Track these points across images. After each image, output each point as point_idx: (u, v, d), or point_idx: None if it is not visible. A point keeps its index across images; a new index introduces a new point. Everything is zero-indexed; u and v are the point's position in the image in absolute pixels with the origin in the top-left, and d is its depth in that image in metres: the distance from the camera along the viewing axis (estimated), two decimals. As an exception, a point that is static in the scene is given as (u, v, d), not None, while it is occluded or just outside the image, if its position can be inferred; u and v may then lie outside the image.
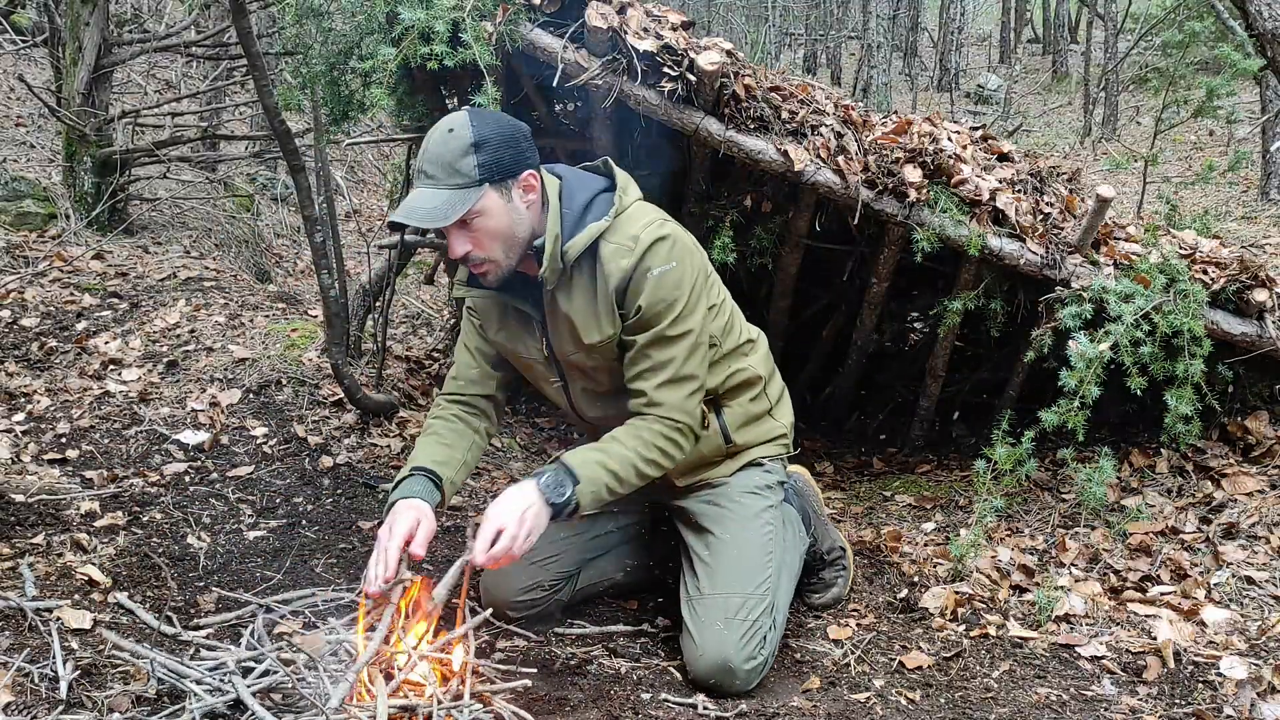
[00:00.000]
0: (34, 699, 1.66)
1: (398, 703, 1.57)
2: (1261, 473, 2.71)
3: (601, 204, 1.95)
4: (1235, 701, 1.91)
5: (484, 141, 1.82)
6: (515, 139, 1.87)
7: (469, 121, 1.84)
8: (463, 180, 1.82)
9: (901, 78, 16.15)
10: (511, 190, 1.87)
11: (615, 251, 1.90)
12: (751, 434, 2.20)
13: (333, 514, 2.72)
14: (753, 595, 2.03)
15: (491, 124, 1.86)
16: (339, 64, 2.89)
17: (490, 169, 1.82)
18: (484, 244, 1.87)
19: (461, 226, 1.84)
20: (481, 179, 1.82)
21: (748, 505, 2.15)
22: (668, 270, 1.90)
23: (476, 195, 1.82)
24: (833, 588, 2.42)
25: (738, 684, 1.96)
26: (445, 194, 1.81)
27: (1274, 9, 3.39)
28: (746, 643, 1.97)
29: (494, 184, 1.83)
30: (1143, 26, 11.21)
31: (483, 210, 1.83)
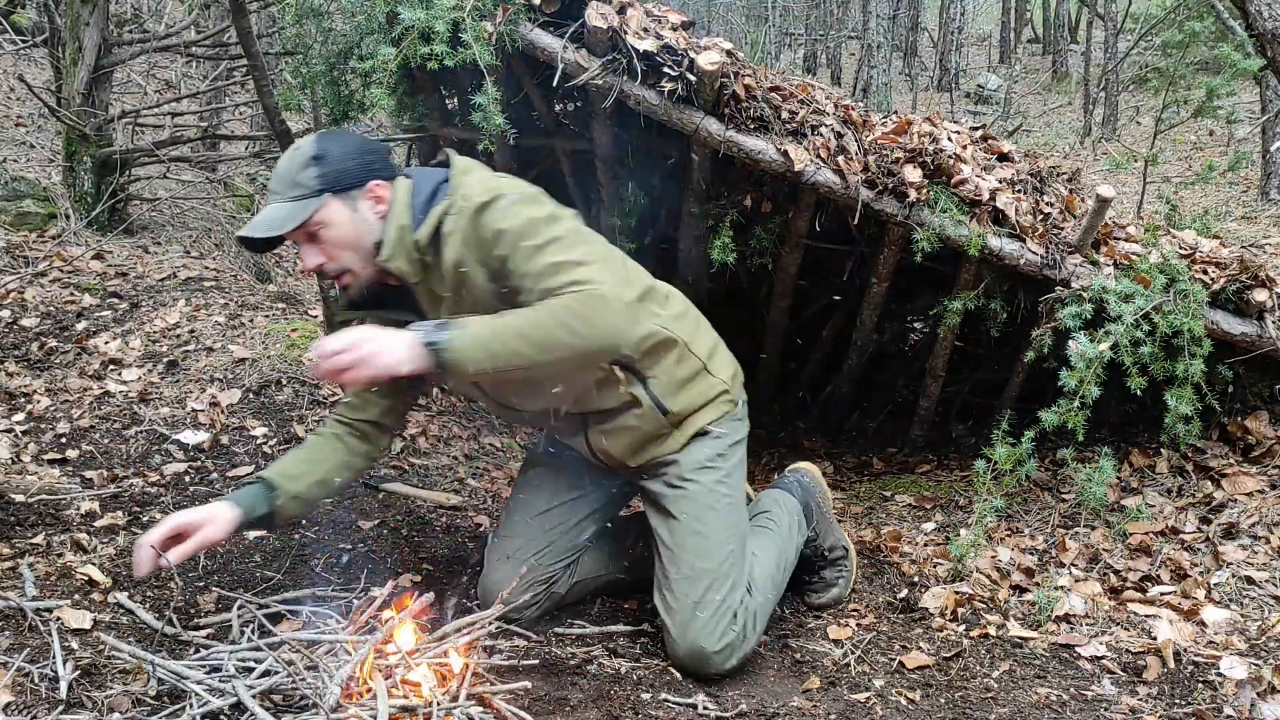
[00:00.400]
0: (34, 699, 1.66)
1: (397, 703, 1.56)
2: (1261, 473, 2.71)
3: (443, 190, 1.94)
4: (1235, 701, 1.91)
5: (324, 154, 1.87)
6: (362, 153, 1.91)
7: (314, 140, 1.91)
8: (302, 191, 1.85)
9: (901, 78, 16.16)
10: (358, 201, 1.89)
11: (453, 220, 1.87)
12: (689, 397, 2.12)
13: (333, 514, 2.72)
14: (717, 573, 2.03)
15: (336, 139, 1.92)
16: (339, 64, 2.89)
17: (330, 179, 1.86)
18: (334, 255, 1.90)
19: (311, 239, 1.88)
20: (321, 189, 1.85)
21: (702, 481, 2.12)
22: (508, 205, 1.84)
23: (316, 204, 1.85)
24: (833, 588, 2.42)
25: (714, 666, 1.98)
26: (286, 206, 1.86)
27: (1274, 9, 3.40)
28: (716, 623, 1.99)
29: (336, 194, 1.86)
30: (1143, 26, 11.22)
31: (326, 220, 1.86)
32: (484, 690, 1.66)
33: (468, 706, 1.61)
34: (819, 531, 2.40)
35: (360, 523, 2.68)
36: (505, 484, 3.12)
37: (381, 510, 2.77)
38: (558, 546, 2.27)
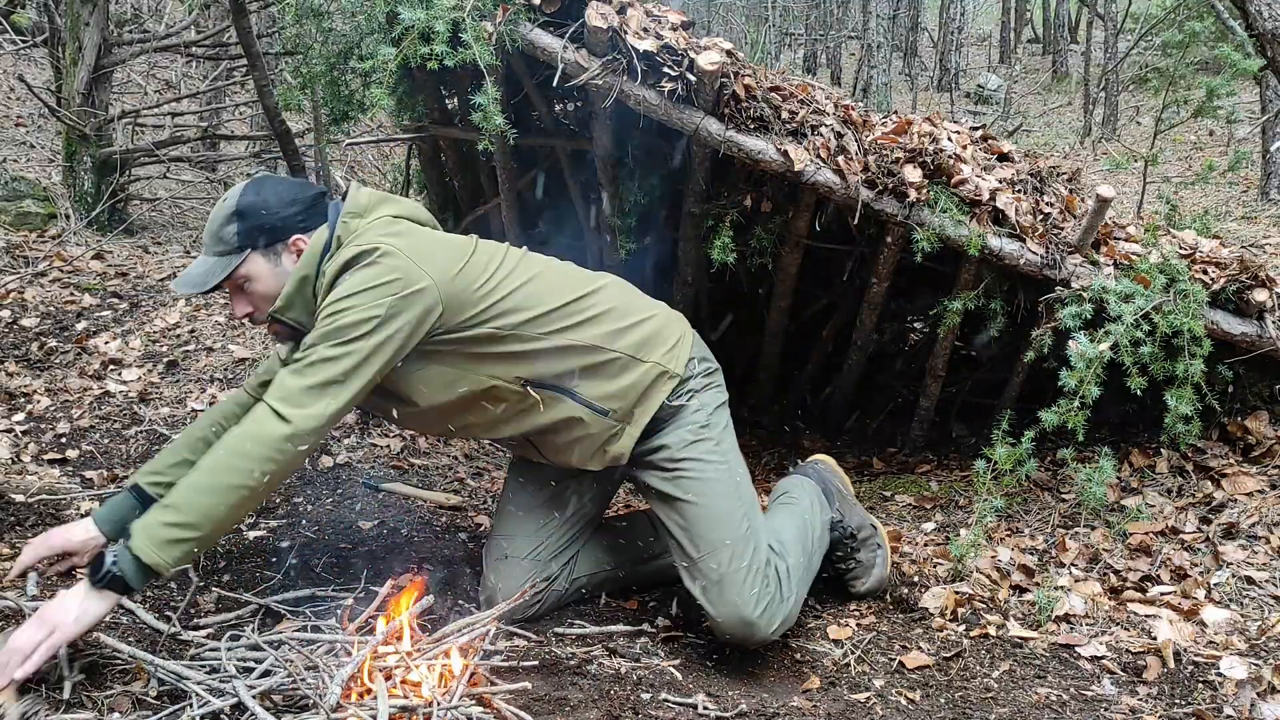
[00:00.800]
0: (34, 699, 1.66)
1: (397, 703, 1.57)
2: (1261, 473, 2.71)
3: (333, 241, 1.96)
4: (1235, 701, 1.91)
5: (246, 210, 1.90)
6: (285, 204, 1.93)
7: (239, 191, 1.94)
8: (224, 247, 1.91)
9: (901, 78, 16.16)
10: (281, 255, 1.94)
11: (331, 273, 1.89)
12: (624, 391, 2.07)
13: (333, 514, 2.72)
14: (735, 542, 2.04)
15: (260, 190, 1.93)
16: (339, 64, 2.89)
17: (250, 235, 1.90)
18: (259, 306, 1.96)
19: (239, 291, 1.95)
20: (242, 245, 1.90)
21: (695, 457, 2.09)
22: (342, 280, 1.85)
23: (236, 260, 1.90)
24: (874, 569, 2.41)
25: (759, 632, 2.01)
26: (210, 261, 1.92)
27: (1274, 9, 3.40)
28: (748, 588, 2.00)
29: (259, 249, 1.91)
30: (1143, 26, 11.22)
31: (250, 275, 1.92)
32: (484, 691, 1.66)
33: (468, 707, 1.61)
34: (843, 513, 2.38)
35: (360, 523, 2.68)
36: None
37: (381, 510, 2.77)
38: (553, 543, 2.27)
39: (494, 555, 2.27)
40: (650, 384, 2.10)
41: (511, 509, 2.32)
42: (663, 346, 2.13)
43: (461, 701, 1.61)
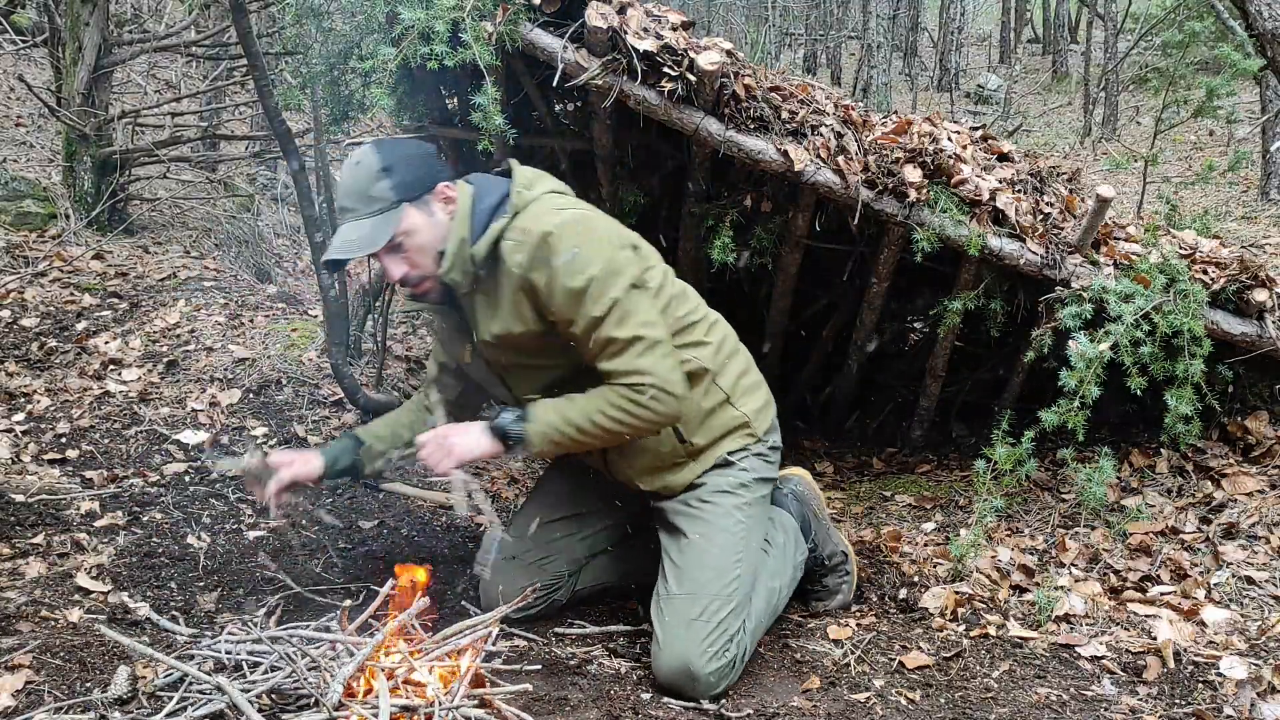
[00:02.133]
0: (34, 699, 1.67)
1: (399, 702, 1.56)
2: (1261, 473, 2.71)
3: (505, 205, 1.97)
4: (1235, 701, 1.91)
5: (392, 164, 1.89)
6: (424, 157, 1.96)
7: (374, 150, 1.92)
8: (381, 204, 1.88)
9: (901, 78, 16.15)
10: (431, 204, 1.93)
11: (512, 248, 1.91)
12: (710, 428, 2.11)
13: (333, 514, 2.72)
14: (719, 596, 1.99)
15: (397, 146, 1.94)
16: (339, 64, 2.89)
17: (404, 188, 1.89)
18: (417, 262, 1.93)
19: (393, 250, 1.91)
20: (399, 199, 1.88)
21: (719, 504, 2.09)
22: (571, 259, 1.87)
23: (398, 216, 1.88)
24: (837, 594, 2.41)
25: (699, 687, 1.91)
26: (369, 222, 1.88)
27: (1274, 9, 3.40)
28: (709, 645, 1.92)
29: (412, 202, 1.90)
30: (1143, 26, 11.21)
31: (408, 229, 1.89)
32: (486, 692, 1.66)
33: (469, 707, 1.61)
34: (817, 542, 2.38)
35: (360, 523, 2.68)
36: (505, 484, 3.12)
37: (381, 510, 2.77)
38: (564, 556, 2.26)
39: (502, 553, 2.25)
40: (731, 430, 2.14)
41: (532, 511, 2.31)
42: (754, 402, 2.19)
43: (463, 702, 1.61)
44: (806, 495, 2.43)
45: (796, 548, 2.30)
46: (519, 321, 1.96)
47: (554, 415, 1.95)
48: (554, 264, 1.87)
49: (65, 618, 2.02)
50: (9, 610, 2.00)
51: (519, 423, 1.95)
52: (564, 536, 2.27)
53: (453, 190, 1.95)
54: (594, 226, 1.94)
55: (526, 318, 1.95)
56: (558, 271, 1.87)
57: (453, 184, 1.96)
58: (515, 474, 3.22)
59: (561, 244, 1.87)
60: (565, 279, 1.87)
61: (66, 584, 2.18)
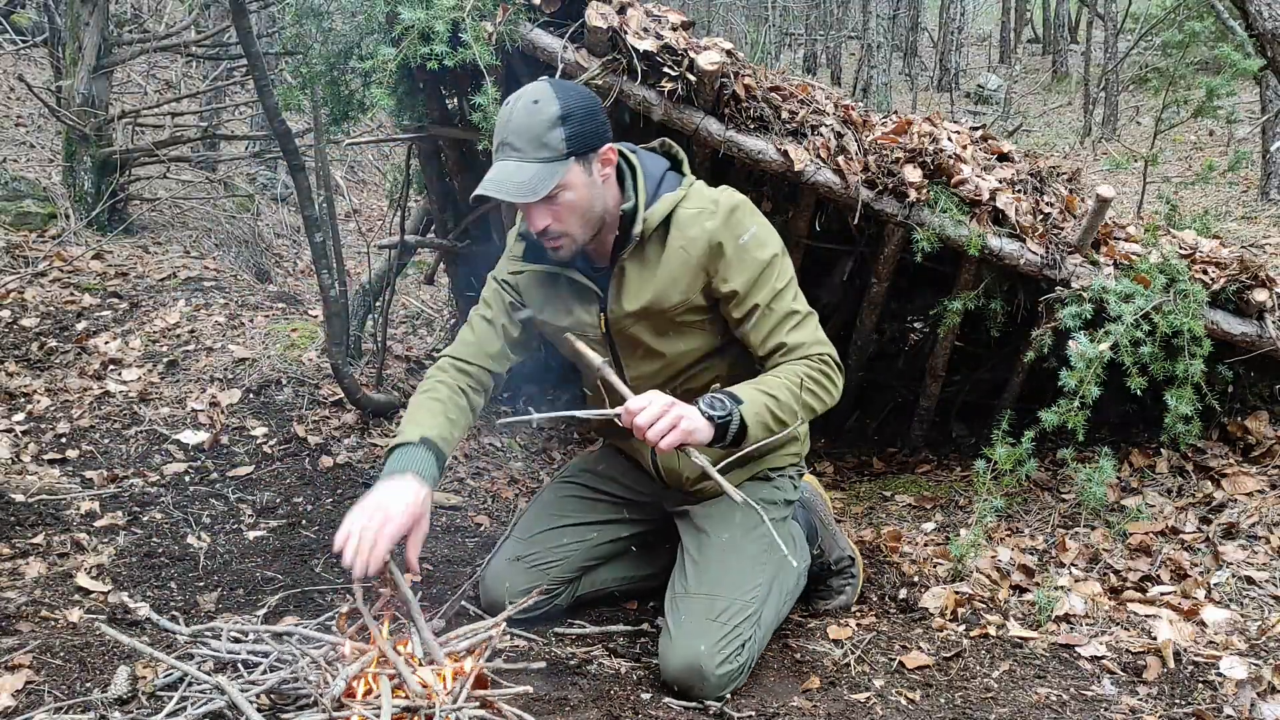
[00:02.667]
0: (34, 699, 1.67)
1: (401, 703, 1.57)
2: (1261, 473, 2.71)
3: (672, 178, 2.00)
4: (1235, 701, 1.91)
5: (570, 114, 1.80)
6: (597, 111, 1.87)
7: (554, 94, 1.82)
8: (550, 154, 1.80)
9: (901, 78, 16.15)
10: (593, 164, 1.87)
11: (697, 215, 1.93)
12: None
13: (333, 514, 2.72)
14: (738, 600, 1.98)
15: (575, 96, 1.85)
16: (339, 64, 2.89)
17: (576, 142, 1.81)
18: (564, 218, 1.87)
19: (545, 200, 1.83)
20: (569, 152, 1.81)
21: (749, 514, 2.05)
22: (754, 233, 1.95)
23: (564, 169, 1.81)
24: (840, 595, 2.40)
25: (708, 687, 1.89)
26: (533, 168, 1.79)
27: (1274, 9, 3.40)
28: (723, 646, 1.91)
29: (579, 157, 1.83)
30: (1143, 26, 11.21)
31: (568, 184, 1.82)
32: (487, 694, 1.66)
33: (470, 708, 1.61)
34: (824, 548, 2.38)
35: (360, 523, 2.68)
36: (505, 484, 3.12)
37: (381, 510, 2.76)
38: (569, 563, 2.25)
39: (506, 553, 2.25)
40: (782, 447, 2.17)
41: (543, 517, 2.28)
42: (804, 427, 2.24)
43: (465, 704, 1.61)
44: (814, 502, 2.43)
45: (801, 555, 2.29)
46: (677, 290, 1.97)
47: (758, 395, 1.88)
48: (742, 236, 1.93)
49: (65, 618, 2.02)
50: (9, 610, 2.00)
51: (723, 405, 1.84)
52: (572, 543, 2.25)
53: (614, 154, 1.92)
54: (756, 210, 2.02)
55: (690, 287, 1.96)
56: (747, 243, 1.94)
57: (615, 148, 1.92)
58: (515, 474, 3.22)
59: (744, 220, 1.95)
60: (755, 250, 1.94)
61: (66, 584, 2.18)
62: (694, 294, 1.97)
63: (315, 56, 2.89)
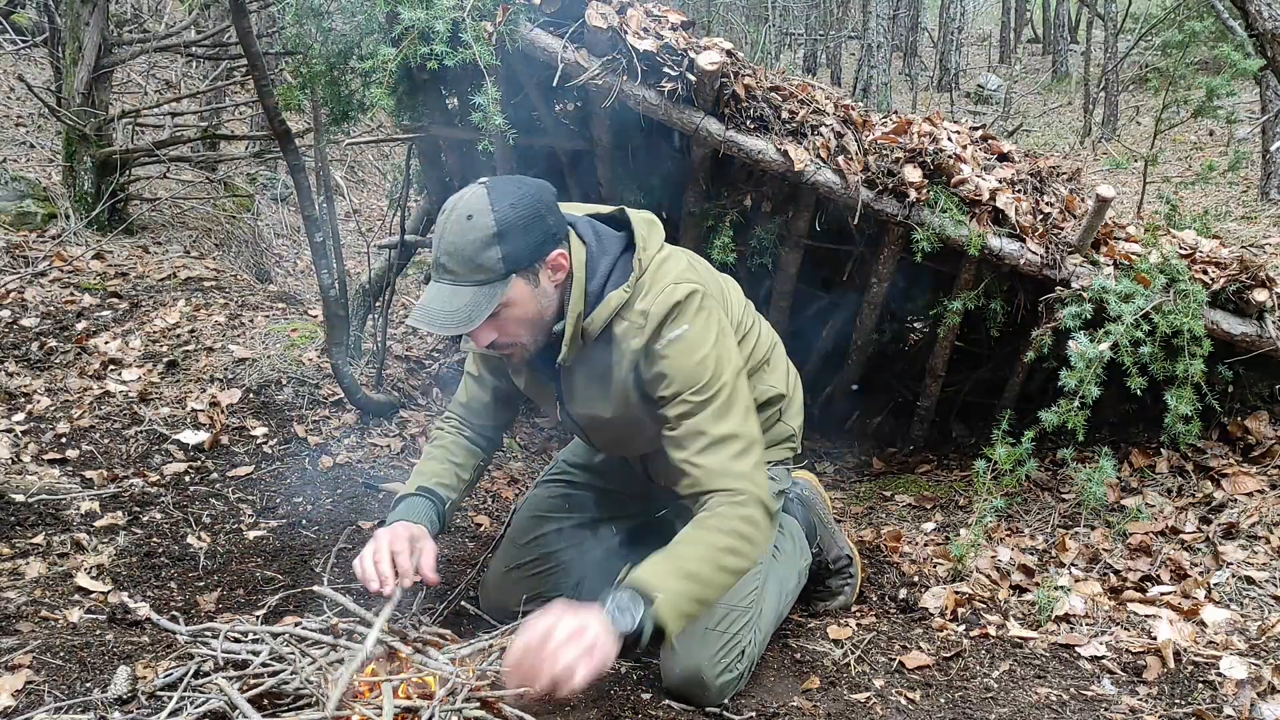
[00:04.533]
0: (34, 699, 1.67)
1: (401, 703, 1.57)
2: (1261, 473, 2.71)
3: (620, 269, 1.82)
4: (1235, 701, 1.91)
5: (507, 229, 1.66)
6: (540, 216, 1.71)
7: (489, 205, 1.67)
8: (486, 276, 1.67)
9: (901, 78, 16.16)
10: (539, 274, 1.74)
11: (627, 330, 1.80)
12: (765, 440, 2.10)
13: (333, 514, 2.72)
14: (735, 607, 1.97)
15: (514, 204, 1.68)
16: (339, 64, 2.89)
17: (516, 258, 1.68)
18: (511, 331, 1.76)
19: (489, 318, 1.71)
20: (507, 271, 1.68)
21: None
22: (679, 336, 1.76)
23: (503, 289, 1.68)
24: (839, 595, 2.40)
25: (709, 696, 1.88)
26: (468, 292, 1.67)
27: (1274, 9, 3.40)
28: (723, 655, 1.91)
29: (520, 272, 1.70)
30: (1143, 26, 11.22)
31: (510, 301, 1.70)
32: (488, 695, 1.66)
33: (470, 708, 1.61)
34: (823, 546, 2.38)
35: (360, 523, 2.68)
36: (505, 484, 3.12)
37: (381, 510, 2.76)
38: (568, 568, 2.25)
39: (503, 563, 2.24)
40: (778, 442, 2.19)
41: (537, 522, 2.27)
42: (799, 419, 2.25)
43: (465, 704, 1.61)
44: (813, 500, 2.43)
45: (801, 554, 2.29)
46: (622, 404, 1.87)
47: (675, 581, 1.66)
48: (662, 340, 1.77)
49: (65, 618, 2.02)
50: (9, 610, 2.00)
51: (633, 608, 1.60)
52: (568, 547, 2.25)
53: (565, 259, 1.75)
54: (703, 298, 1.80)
55: (631, 400, 1.86)
56: (665, 351, 1.77)
57: (565, 248, 1.76)
58: (515, 474, 3.22)
59: (674, 321, 1.76)
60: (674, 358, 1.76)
61: (66, 584, 2.18)
62: (635, 406, 1.88)
63: (315, 56, 2.89)
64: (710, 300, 1.83)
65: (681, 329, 1.77)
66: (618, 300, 1.78)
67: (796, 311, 3.50)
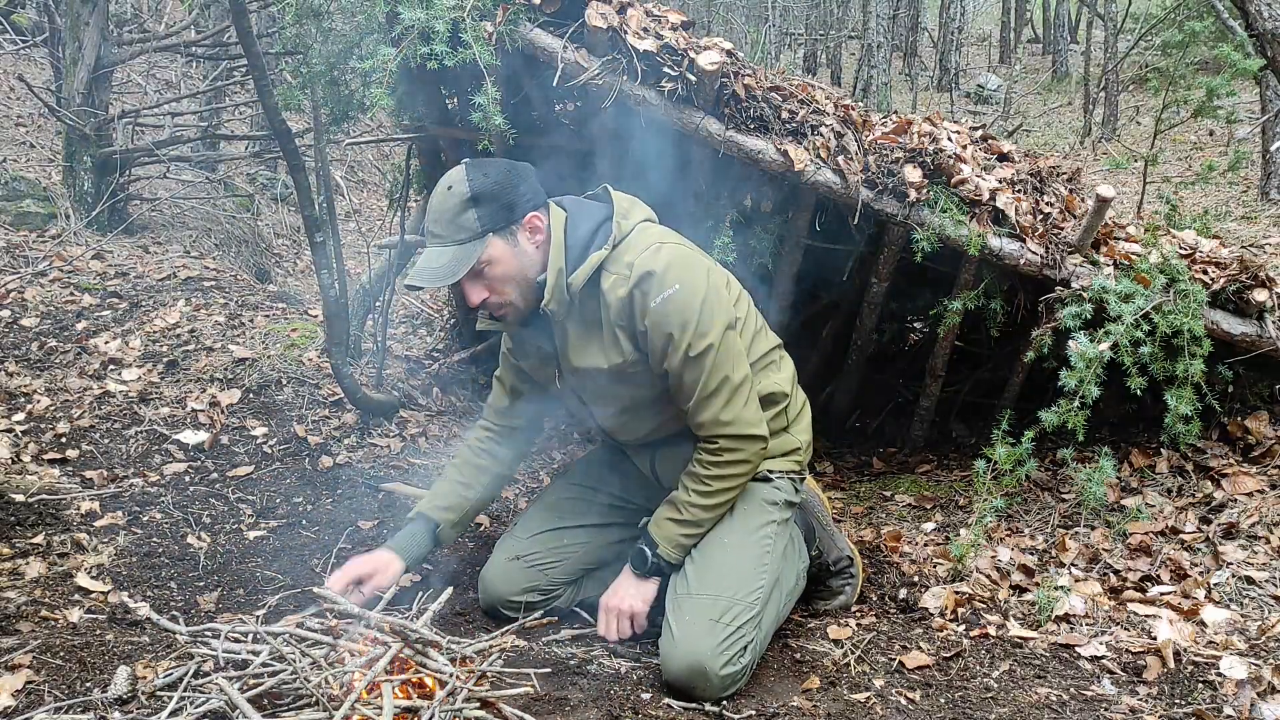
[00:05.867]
0: (34, 699, 1.67)
1: (402, 703, 1.57)
2: (1261, 473, 2.71)
3: (602, 233, 2.00)
4: (1235, 701, 1.91)
5: (481, 193, 1.90)
6: (514, 184, 1.94)
7: (465, 176, 1.92)
8: (466, 234, 1.90)
9: (901, 78, 16.16)
10: (517, 234, 1.95)
11: (614, 283, 1.95)
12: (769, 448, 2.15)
13: (333, 514, 2.72)
14: (740, 602, 1.98)
15: (489, 173, 1.93)
16: (339, 64, 2.89)
17: (491, 219, 1.91)
18: (498, 289, 1.96)
19: (475, 276, 1.93)
20: (484, 230, 1.90)
21: (751, 515, 2.11)
22: (670, 295, 1.92)
23: (481, 247, 1.90)
24: (839, 595, 2.40)
25: (711, 689, 1.90)
26: (451, 250, 1.90)
27: (1274, 9, 3.40)
28: (726, 648, 1.92)
29: (497, 232, 1.92)
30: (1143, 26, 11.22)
31: (491, 259, 1.92)
32: (487, 694, 1.66)
33: (470, 709, 1.61)
34: (823, 548, 2.38)
35: (360, 523, 2.68)
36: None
37: (381, 510, 2.77)
38: (568, 564, 2.26)
39: (505, 553, 2.25)
40: (780, 454, 2.21)
41: (543, 517, 2.30)
42: (806, 434, 2.29)
43: (465, 704, 1.61)
44: (811, 502, 2.43)
45: (800, 557, 2.30)
46: (616, 353, 2.00)
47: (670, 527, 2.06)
48: (654, 301, 1.92)
49: (65, 618, 2.02)
50: (9, 610, 2.00)
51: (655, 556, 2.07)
52: (572, 544, 2.26)
53: (541, 220, 1.97)
54: (691, 264, 1.97)
55: (624, 349, 1.99)
56: (656, 310, 1.92)
57: (542, 213, 1.97)
58: (515, 474, 3.22)
59: (660, 282, 1.92)
60: (665, 316, 1.92)
61: (66, 584, 2.18)
62: (629, 355, 2.00)
63: (315, 56, 2.89)
64: (694, 255, 2.01)
65: (671, 289, 1.92)
66: (598, 258, 1.95)
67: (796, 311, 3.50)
